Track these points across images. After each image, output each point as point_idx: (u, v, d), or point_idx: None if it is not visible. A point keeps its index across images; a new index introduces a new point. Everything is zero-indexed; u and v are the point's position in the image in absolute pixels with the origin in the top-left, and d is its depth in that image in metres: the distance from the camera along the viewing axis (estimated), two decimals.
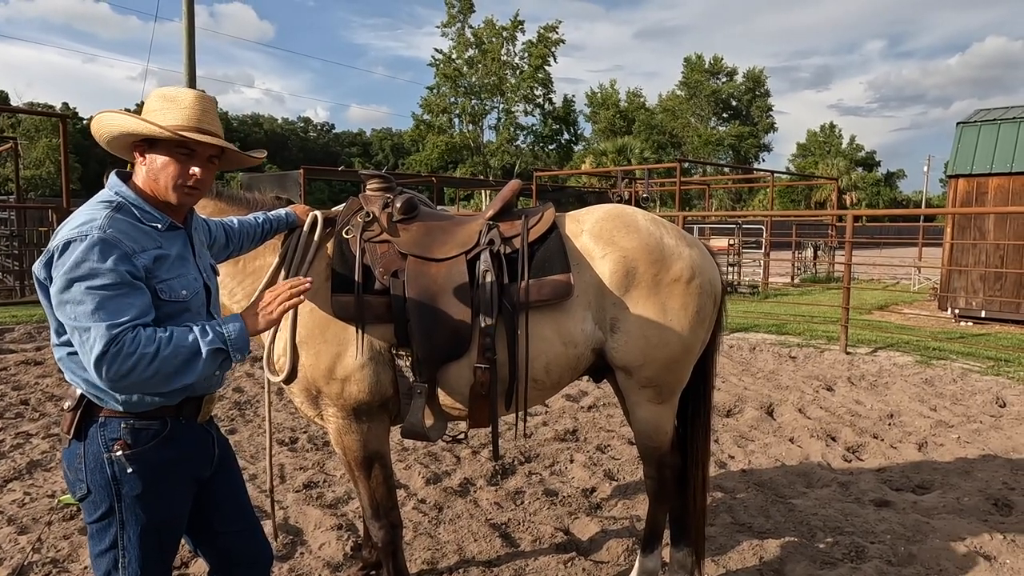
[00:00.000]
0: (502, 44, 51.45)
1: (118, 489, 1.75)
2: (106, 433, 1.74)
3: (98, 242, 1.63)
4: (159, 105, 1.82)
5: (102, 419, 1.74)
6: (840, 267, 13.44)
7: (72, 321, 1.61)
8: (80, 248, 1.62)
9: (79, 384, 1.75)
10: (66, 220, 1.72)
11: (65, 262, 1.61)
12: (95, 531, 1.81)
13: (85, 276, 1.60)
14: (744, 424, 5.48)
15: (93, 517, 1.80)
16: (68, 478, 1.81)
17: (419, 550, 3.39)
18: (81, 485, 1.76)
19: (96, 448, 1.73)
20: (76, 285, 1.60)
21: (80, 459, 1.74)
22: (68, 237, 1.64)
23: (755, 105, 64.65)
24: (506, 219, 2.64)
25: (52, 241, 1.67)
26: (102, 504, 1.76)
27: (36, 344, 8.18)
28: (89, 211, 1.72)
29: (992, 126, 11.28)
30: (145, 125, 1.77)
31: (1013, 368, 7.47)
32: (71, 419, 1.75)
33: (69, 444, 1.77)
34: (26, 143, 40.68)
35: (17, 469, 4.31)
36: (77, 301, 1.60)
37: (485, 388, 2.49)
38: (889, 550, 3.36)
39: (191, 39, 14.77)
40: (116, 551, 1.79)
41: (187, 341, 1.66)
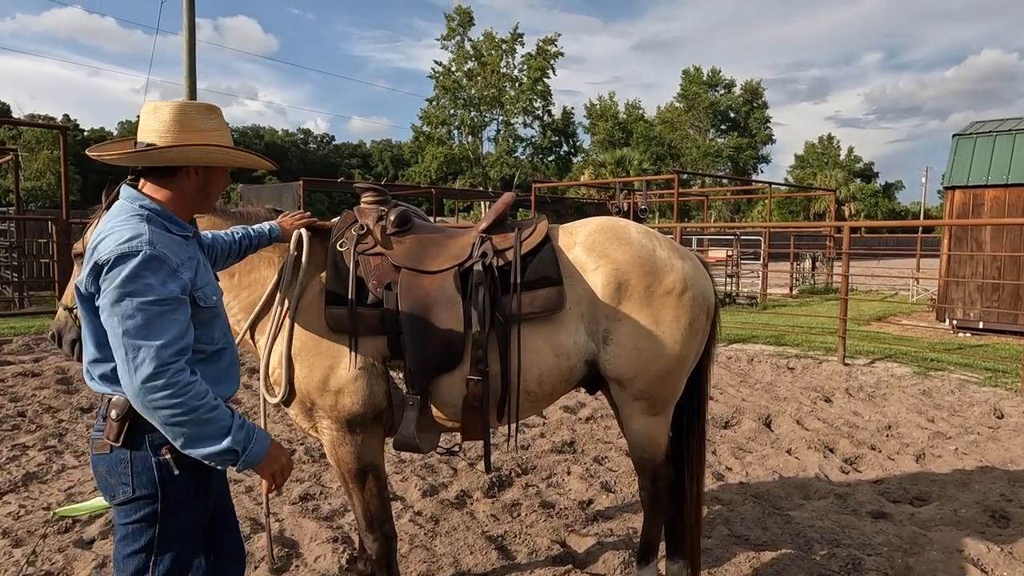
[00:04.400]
0: (501, 57, 51.72)
1: (164, 491, 1.81)
2: (154, 439, 1.79)
3: (151, 258, 1.68)
4: (218, 124, 1.90)
5: (150, 426, 1.78)
6: (838, 278, 13.46)
7: (122, 336, 1.65)
8: (134, 263, 1.67)
9: (124, 393, 1.77)
10: (101, 233, 1.75)
11: (118, 275, 1.66)
12: (130, 532, 1.84)
13: (139, 292, 1.66)
14: (742, 435, 5.48)
15: (131, 519, 1.84)
16: (107, 483, 1.84)
17: (415, 563, 3.38)
18: (126, 489, 1.80)
19: (144, 453, 1.80)
20: (128, 300, 1.65)
21: (126, 464, 1.80)
22: (120, 251, 1.67)
23: (753, 117, 64.94)
24: (499, 231, 2.65)
25: (97, 255, 1.70)
26: (145, 507, 1.82)
27: (34, 356, 8.17)
28: (129, 224, 1.74)
29: (988, 138, 11.34)
30: (261, 162, 2.00)
31: (1011, 379, 7.47)
32: (119, 427, 1.79)
33: (111, 451, 1.81)
34: (27, 155, 40.78)
35: (13, 481, 4.30)
36: (128, 315, 1.65)
37: (477, 400, 2.50)
38: (886, 562, 3.35)
39: (192, 52, 14.87)
40: (150, 551, 1.84)
41: (224, 420, 1.74)
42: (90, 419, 5.68)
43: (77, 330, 2.70)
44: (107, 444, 1.80)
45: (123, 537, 1.86)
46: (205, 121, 1.87)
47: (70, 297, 2.73)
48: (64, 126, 15.32)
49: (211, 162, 1.89)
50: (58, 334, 2.74)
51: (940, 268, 11.87)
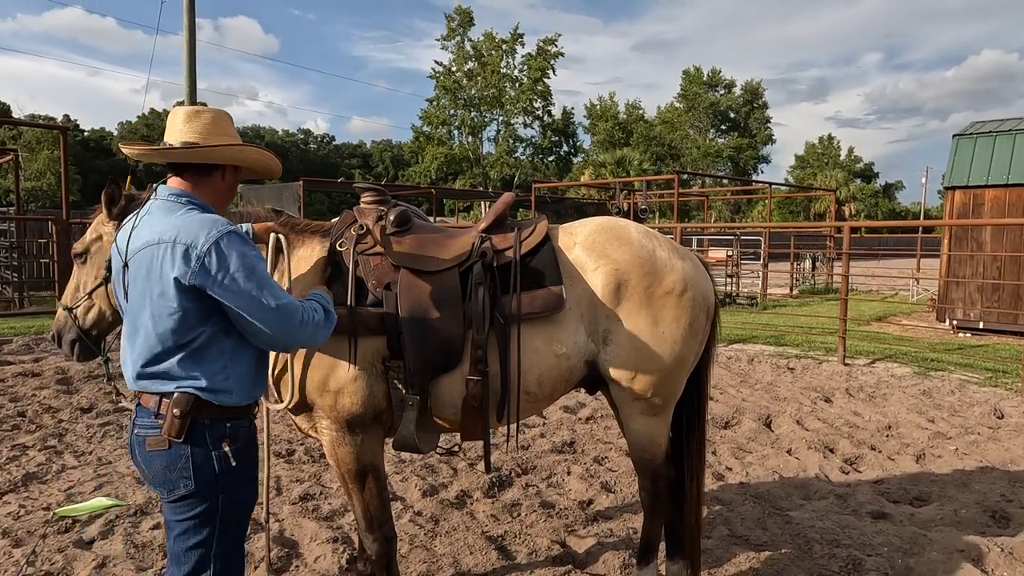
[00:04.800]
0: (501, 57, 51.72)
1: (224, 483, 1.90)
2: (213, 433, 1.88)
3: (242, 234, 1.89)
4: (236, 132, 2.12)
5: (208, 421, 1.86)
6: (838, 278, 13.45)
7: (258, 293, 1.83)
8: (236, 241, 1.85)
9: (189, 387, 1.85)
10: (173, 228, 1.85)
11: (232, 250, 1.82)
12: (191, 526, 1.90)
13: (253, 257, 1.87)
14: (742, 436, 5.47)
15: (190, 513, 1.89)
16: (165, 477, 1.88)
17: (415, 563, 3.38)
18: (187, 483, 1.86)
19: (204, 448, 1.86)
20: (252, 264, 1.85)
21: (187, 459, 1.85)
22: (214, 237, 1.82)
23: (753, 117, 64.94)
24: (499, 231, 2.65)
25: (195, 249, 1.81)
26: (206, 499, 1.88)
27: (34, 356, 8.17)
28: (199, 215, 1.91)
29: (988, 138, 11.34)
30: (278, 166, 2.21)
31: (1011, 379, 7.46)
32: (182, 424, 1.84)
33: (170, 446, 1.85)
34: (27, 155, 40.80)
35: (13, 481, 4.30)
36: (258, 275, 1.85)
37: (477, 400, 2.50)
38: (886, 563, 3.35)
39: (192, 52, 14.87)
40: (211, 543, 1.92)
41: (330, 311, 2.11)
42: (90, 419, 5.69)
43: (77, 330, 2.70)
44: (165, 440, 1.84)
45: (183, 532, 1.90)
46: (231, 128, 2.09)
47: (70, 297, 2.73)
48: (64, 126, 15.32)
49: (242, 161, 2.09)
50: (58, 334, 2.74)
51: (940, 268, 11.87)
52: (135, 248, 1.92)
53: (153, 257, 1.85)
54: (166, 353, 1.86)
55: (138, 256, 1.90)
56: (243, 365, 1.96)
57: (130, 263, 1.92)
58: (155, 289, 1.85)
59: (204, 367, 1.87)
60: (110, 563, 3.31)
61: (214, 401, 1.88)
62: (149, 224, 1.93)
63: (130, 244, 1.94)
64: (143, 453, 1.90)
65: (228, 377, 1.91)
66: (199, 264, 1.79)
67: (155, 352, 1.86)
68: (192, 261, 1.79)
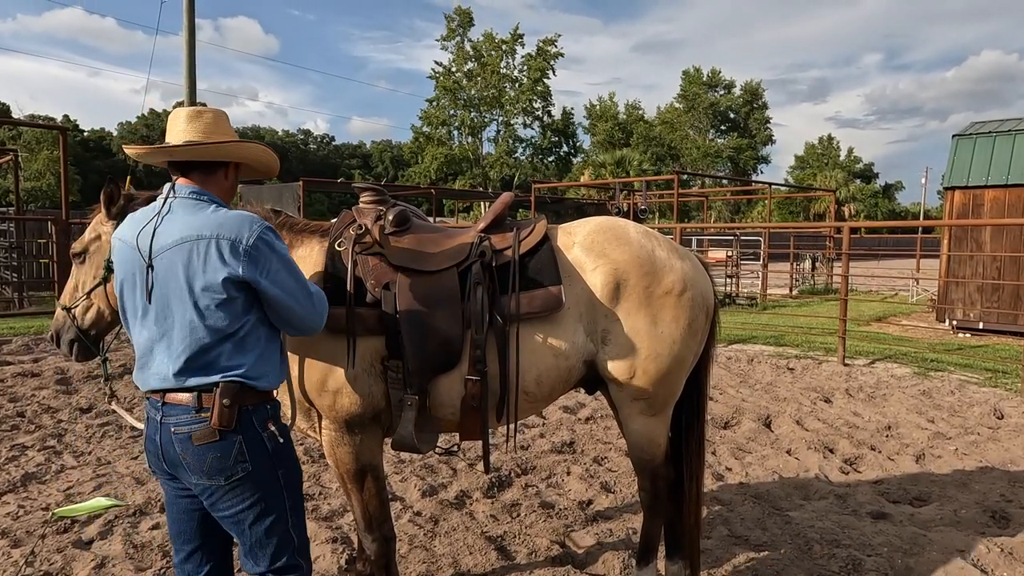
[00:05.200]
0: (501, 57, 51.73)
1: (278, 461, 2.00)
2: (257, 417, 1.96)
3: (274, 229, 2.00)
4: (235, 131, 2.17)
5: (251, 406, 1.95)
6: (838, 278, 13.46)
7: (295, 282, 1.98)
8: (273, 235, 1.97)
9: (233, 376, 1.92)
10: (211, 224, 1.91)
11: (274, 244, 1.95)
12: (262, 509, 1.97)
13: (286, 250, 2.00)
14: (741, 436, 5.47)
15: (256, 496, 1.96)
16: (222, 466, 1.92)
17: (414, 563, 3.37)
18: (245, 466, 1.93)
19: (253, 431, 1.94)
20: (292, 259, 2.00)
21: (240, 444, 1.92)
22: (257, 231, 1.93)
23: (753, 117, 64.95)
24: (498, 231, 2.65)
25: (242, 243, 1.89)
26: (267, 478, 1.97)
27: (33, 356, 8.17)
28: (232, 211, 1.99)
29: (988, 139, 11.34)
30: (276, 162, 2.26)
31: (1011, 380, 7.46)
32: (231, 412, 1.89)
33: (222, 436, 1.90)
34: (26, 155, 40.79)
35: (12, 481, 4.29)
36: (301, 273, 2.01)
37: (476, 400, 2.49)
38: (886, 563, 3.35)
39: (192, 52, 14.87)
40: (287, 517, 2.02)
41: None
42: (89, 419, 5.68)
43: (75, 330, 2.69)
44: (215, 431, 1.89)
45: (256, 517, 1.97)
46: (230, 126, 2.15)
47: (68, 297, 2.73)
48: (64, 127, 15.32)
49: (244, 157, 2.14)
50: (56, 334, 2.73)
51: (940, 268, 11.86)
52: (163, 246, 1.92)
53: (193, 253, 1.88)
54: (214, 344, 1.91)
55: (168, 254, 1.91)
56: (274, 351, 2.06)
57: (156, 262, 1.92)
58: (197, 283, 1.88)
59: (246, 355, 1.94)
60: (109, 563, 3.31)
61: (256, 386, 1.96)
62: (176, 222, 1.94)
63: (155, 243, 1.93)
64: (189, 448, 1.91)
65: (265, 363, 1.99)
66: (247, 257, 1.88)
67: (203, 344, 1.90)
68: (240, 255, 1.88)
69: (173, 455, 1.94)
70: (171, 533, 2.16)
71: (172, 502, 2.11)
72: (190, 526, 2.11)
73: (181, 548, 2.15)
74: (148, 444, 2.02)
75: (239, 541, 2.02)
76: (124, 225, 2.10)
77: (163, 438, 1.94)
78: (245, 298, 1.93)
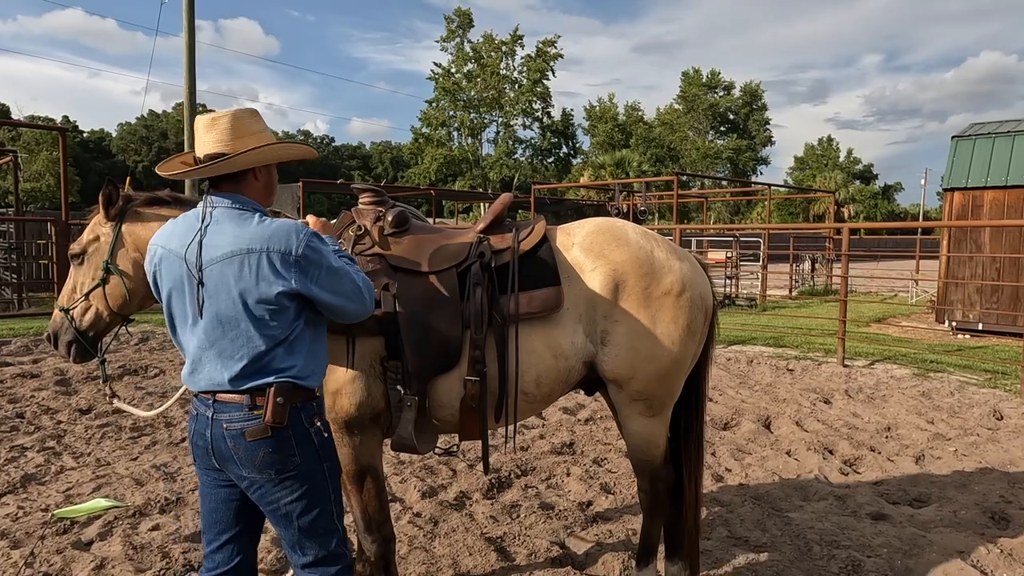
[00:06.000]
0: (501, 58, 51.80)
1: (324, 453, 2.07)
2: (305, 413, 2.03)
3: (318, 232, 2.06)
4: (263, 126, 2.14)
5: (300, 404, 2.02)
6: (837, 279, 13.46)
7: (348, 286, 2.03)
8: (317, 240, 2.01)
9: (286, 376, 1.98)
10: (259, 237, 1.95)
11: (321, 253, 1.99)
12: (309, 501, 2.03)
13: (332, 252, 2.05)
14: (741, 437, 5.47)
15: (304, 488, 2.01)
16: (273, 459, 1.98)
17: (414, 564, 3.37)
18: (294, 459, 1.99)
19: (301, 427, 2.01)
20: (336, 258, 2.05)
21: (290, 439, 1.99)
22: (304, 241, 1.96)
23: (752, 118, 65.03)
24: (497, 232, 2.65)
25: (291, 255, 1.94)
26: (315, 470, 2.04)
27: (33, 357, 8.17)
28: (276, 221, 2.01)
29: (987, 140, 11.35)
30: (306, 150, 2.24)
31: (1010, 381, 7.47)
32: (284, 410, 1.97)
33: (273, 432, 1.96)
34: (26, 156, 40.79)
35: (11, 483, 4.29)
36: (344, 269, 2.05)
37: (475, 401, 2.49)
38: (886, 564, 3.35)
39: (191, 53, 14.88)
40: (331, 508, 2.09)
41: None
42: (89, 420, 5.68)
43: (73, 332, 2.69)
44: (266, 427, 1.96)
45: (304, 508, 2.03)
46: (254, 124, 2.10)
47: (66, 298, 2.73)
48: (63, 127, 15.33)
49: (269, 160, 2.11)
50: (54, 335, 2.73)
51: (939, 270, 11.87)
52: (212, 259, 1.95)
53: (244, 267, 1.93)
54: (269, 350, 1.97)
55: (218, 267, 1.95)
56: (321, 349, 2.12)
57: (205, 275, 1.96)
58: (251, 297, 1.93)
59: (296, 356, 2.01)
60: (109, 564, 3.31)
61: (304, 385, 2.03)
62: (223, 234, 1.97)
63: (203, 255, 1.96)
64: (242, 444, 1.97)
65: (312, 362, 2.06)
66: (297, 267, 1.94)
67: (257, 351, 1.96)
68: (292, 266, 1.94)
69: (224, 450, 1.99)
70: (205, 523, 2.17)
71: (210, 492, 2.14)
72: (227, 516, 2.14)
73: (215, 538, 2.16)
74: (196, 439, 2.06)
75: (284, 534, 2.07)
76: (165, 233, 2.11)
77: (214, 433, 1.99)
78: (296, 305, 2.00)
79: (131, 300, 2.72)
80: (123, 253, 2.67)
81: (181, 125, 24.46)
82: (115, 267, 2.66)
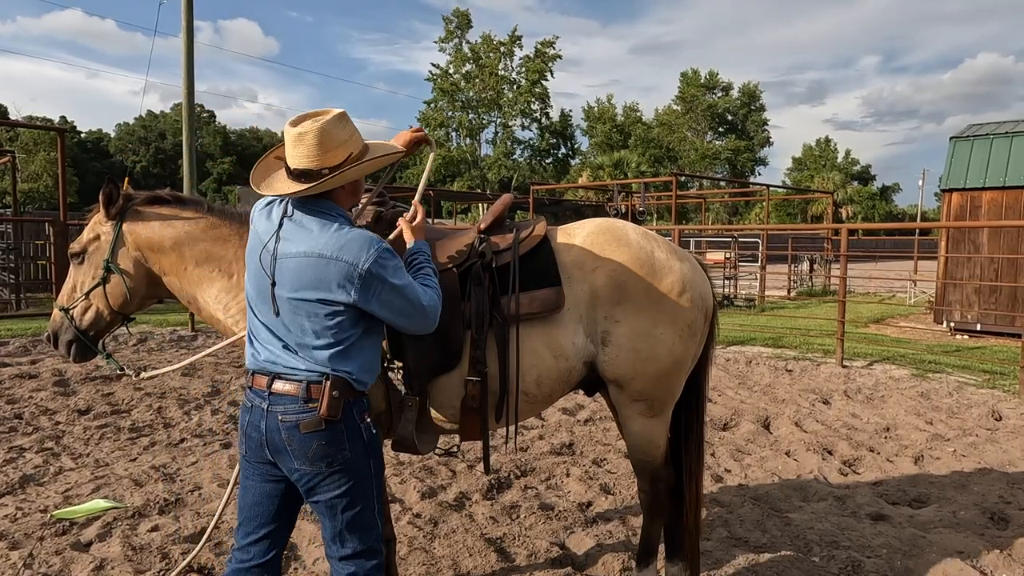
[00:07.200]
0: (499, 59, 51.82)
1: (372, 449, 2.13)
2: (357, 409, 2.09)
3: (390, 248, 2.07)
4: (351, 130, 2.09)
5: (352, 399, 2.07)
6: (836, 280, 13.47)
7: (407, 305, 2.05)
8: (388, 256, 2.03)
9: (343, 374, 2.03)
10: (334, 245, 1.97)
11: (387, 270, 2.00)
12: (355, 495, 2.07)
13: (401, 271, 2.07)
14: (740, 437, 5.47)
15: (352, 482, 2.06)
16: (324, 452, 2.02)
17: (414, 565, 3.37)
18: (345, 453, 2.05)
19: (353, 422, 2.07)
20: (403, 277, 2.06)
21: (342, 432, 2.04)
22: (373, 256, 1.98)
23: (751, 119, 65.12)
24: (498, 232, 2.65)
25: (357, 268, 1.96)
26: (363, 464, 2.09)
27: (31, 358, 8.15)
28: (353, 232, 2.03)
29: (985, 141, 11.37)
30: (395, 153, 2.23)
31: (1008, 381, 7.48)
32: (339, 404, 2.02)
33: (326, 425, 2.01)
34: (24, 156, 40.72)
35: (10, 483, 4.28)
36: (409, 289, 2.06)
37: (476, 401, 2.49)
38: (886, 564, 3.35)
39: (190, 54, 14.86)
40: (374, 504, 2.14)
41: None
42: (87, 421, 5.67)
43: (74, 331, 2.69)
44: (321, 420, 2.00)
45: (350, 502, 2.07)
46: (342, 132, 2.04)
47: (66, 298, 2.72)
48: (62, 128, 15.32)
49: (357, 178, 2.14)
50: (54, 335, 2.73)
51: (938, 270, 11.89)
52: (287, 253, 2.01)
53: (315, 269, 1.97)
54: (321, 349, 2.02)
55: (292, 263, 2.00)
56: (375, 359, 2.17)
57: (278, 266, 2.02)
58: (314, 298, 1.98)
59: (351, 362, 2.05)
60: (108, 565, 3.30)
61: (356, 387, 2.08)
62: (301, 234, 2.02)
63: (280, 248, 2.02)
64: (296, 436, 2.01)
65: (367, 369, 2.11)
66: (361, 282, 1.97)
67: (312, 345, 2.02)
68: (355, 280, 1.97)
69: (278, 441, 2.03)
70: (245, 515, 2.19)
71: (256, 485, 2.16)
72: (269, 510, 2.16)
73: (254, 531, 2.17)
74: (250, 431, 2.08)
75: (327, 525, 2.11)
76: (259, 215, 2.15)
77: (269, 425, 2.03)
78: (355, 314, 2.03)
79: (132, 299, 2.72)
80: (124, 252, 2.66)
81: (179, 125, 24.45)
82: (116, 266, 2.65)
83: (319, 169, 2.01)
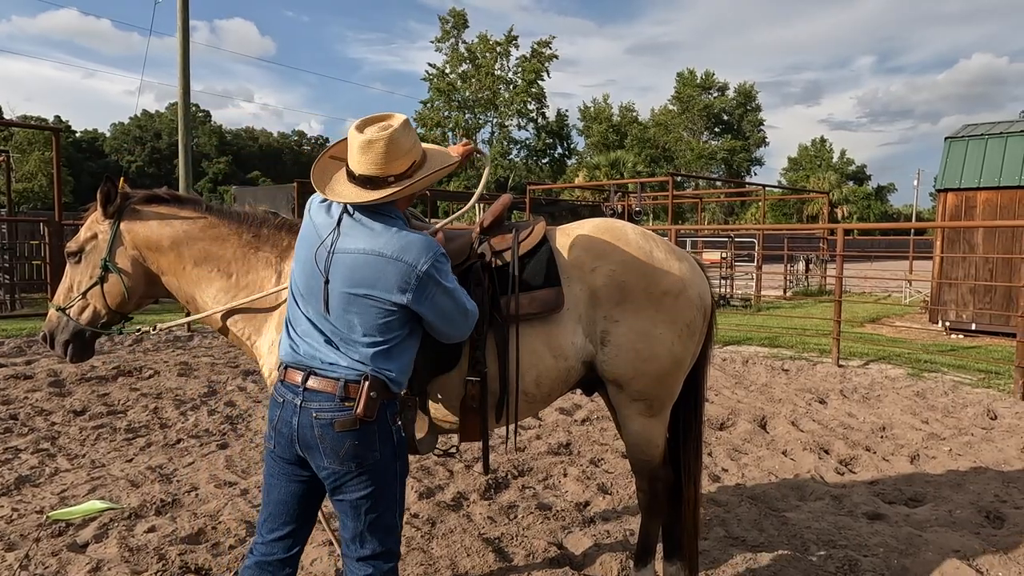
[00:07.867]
0: (496, 59, 51.83)
1: (400, 451, 2.14)
2: (390, 411, 2.10)
3: (445, 253, 2.11)
4: (414, 138, 2.10)
5: (386, 401, 2.07)
6: (832, 280, 13.51)
7: (455, 310, 2.10)
8: (444, 261, 2.08)
9: (383, 374, 2.05)
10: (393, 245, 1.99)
11: (442, 274, 2.04)
12: (380, 496, 2.08)
13: (451, 277, 2.11)
14: (737, 437, 5.48)
15: (378, 483, 2.07)
16: (356, 451, 2.03)
17: (412, 565, 3.37)
18: (374, 454, 2.05)
19: (385, 424, 2.08)
20: (453, 283, 2.10)
21: (374, 433, 2.05)
22: (431, 260, 2.01)
23: (746, 119, 65.26)
24: (497, 232, 2.65)
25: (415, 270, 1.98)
26: (391, 466, 2.10)
27: (26, 358, 8.12)
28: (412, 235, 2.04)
29: (979, 141, 11.41)
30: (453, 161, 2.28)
31: (1003, 380, 7.51)
32: (376, 404, 2.03)
33: (360, 425, 2.02)
34: (18, 156, 40.54)
35: (5, 485, 4.26)
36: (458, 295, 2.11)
37: (476, 401, 2.49)
38: (882, 563, 3.36)
39: (185, 54, 14.82)
40: (396, 506, 2.16)
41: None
42: (83, 422, 5.65)
43: (70, 331, 2.68)
44: (356, 420, 2.00)
45: (374, 503, 2.08)
46: (407, 140, 2.05)
47: (63, 297, 2.71)
48: (57, 127, 15.25)
49: (426, 186, 2.17)
50: (50, 335, 2.72)
51: (933, 270, 11.94)
52: (344, 248, 2.02)
53: (372, 267, 1.98)
54: (366, 346, 2.03)
55: (348, 258, 2.01)
56: (412, 363, 2.19)
57: (334, 260, 2.02)
58: (368, 296, 1.99)
59: (393, 363, 2.07)
60: (104, 567, 3.29)
61: (392, 388, 2.09)
62: (363, 233, 2.02)
63: (337, 245, 2.03)
64: (329, 434, 2.00)
65: (404, 371, 2.13)
66: (417, 283, 1.99)
67: (358, 341, 2.03)
68: (412, 280, 1.99)
69: (310, 438, 2.02)
70: (270, 511, 2.19)
71: (283, 484, 2.16)
72: (295, 509, 2.17)
73: (278, 527, 2.18)
74: (281, 427, 2.07)
75: (349, 525, 2.11)
76: (318, 208, 2.15)
77: (301, 421, 2.02)
78: (404, 315, 2.05)
79: (129, 298, 2.71)
80: (122, 251, 2.65)
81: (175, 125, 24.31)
82: (114, 265, 2.64)
83: (385, 176, 2.02)
